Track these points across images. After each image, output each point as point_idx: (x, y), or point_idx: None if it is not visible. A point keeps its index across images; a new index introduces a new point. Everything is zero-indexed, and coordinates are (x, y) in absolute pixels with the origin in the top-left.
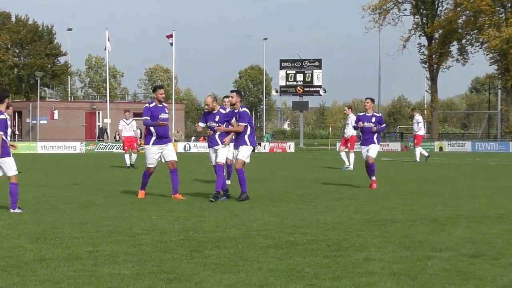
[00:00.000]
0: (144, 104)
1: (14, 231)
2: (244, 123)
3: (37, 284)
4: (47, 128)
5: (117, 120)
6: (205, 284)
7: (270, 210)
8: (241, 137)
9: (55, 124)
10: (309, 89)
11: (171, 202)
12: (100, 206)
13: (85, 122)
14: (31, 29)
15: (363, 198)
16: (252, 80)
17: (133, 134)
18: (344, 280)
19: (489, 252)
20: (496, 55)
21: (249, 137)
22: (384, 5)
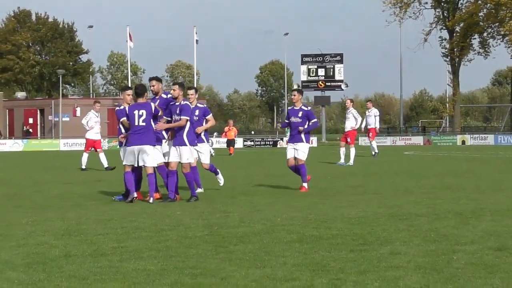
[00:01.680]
0: None
1: (39, 228)
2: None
3: (63, 280)
4: (70, 125)
5: None
6: (231, 279)
7: (294, 205)
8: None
9: (78, 121)
10: (331, 83)
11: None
12: (124, 203)
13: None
14: (52, 26)
15: (387, 193)
16: (273, 75)
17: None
18: (369, 274)
19: None
20: None
21: (188, 134)
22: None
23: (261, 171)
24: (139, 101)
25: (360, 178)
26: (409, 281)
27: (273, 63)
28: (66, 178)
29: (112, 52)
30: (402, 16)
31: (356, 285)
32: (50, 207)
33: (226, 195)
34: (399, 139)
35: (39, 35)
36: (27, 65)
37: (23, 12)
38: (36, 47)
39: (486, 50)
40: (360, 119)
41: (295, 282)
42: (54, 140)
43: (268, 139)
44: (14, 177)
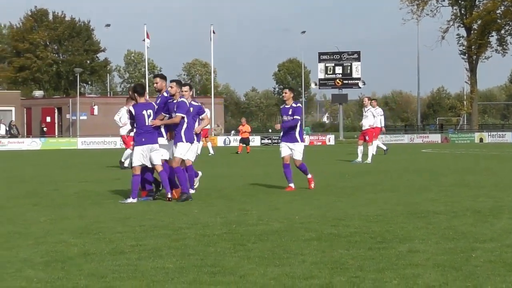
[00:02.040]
0: None
1: (57, 226)
2: (181, 113)
3: (82, 279)
4: (87, 123)
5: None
6: (250, 277)
7: (312, 203)
8: (177, 132)
9: (95, 120)
10: (348, 81)
11: (212, 196)
12: (142, 201)
13: None
14: (69, 25)
15: (405, 190)
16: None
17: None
18: (388, 272)
19: None
20: None
21: (185, 131)
22: None
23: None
24: (140, 101)
25: (377, 176)
26: (428, 279)
27: (291, 61)
28: (84, 176)
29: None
30: (420, 13)
31: (375, 282)
32: (68, 205)
33: (244, 193)
34: (416, 137)
35: (56, 33)
36: (45, 64)
37: (40, 11)
38: (54, 46)
39: (504, 48)
40: (378, 117)
41: (313, 280)
42: (72, 138)
43: None
44: (32, 176)
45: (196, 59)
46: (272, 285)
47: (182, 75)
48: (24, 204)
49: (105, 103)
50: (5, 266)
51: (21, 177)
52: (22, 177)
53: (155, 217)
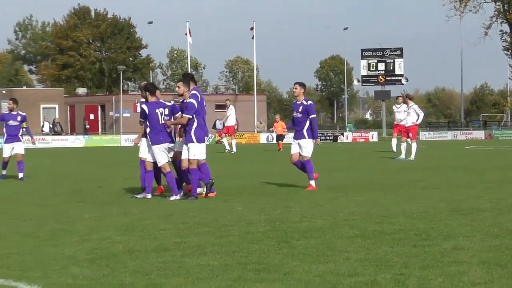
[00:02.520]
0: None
1: (102, 223)
2: (188, 115)
3: (127, 276)
4: (130, 121)
5: None
6: (294, 274)
7: (355, 200)
8: (188, 133)
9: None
10: (391, 78)
11: (255, 193)
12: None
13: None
14: (111, 23)
15: (448, 187)
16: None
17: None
18: (433, 270)
19: None
20: None
21: (195, 131)
22: None
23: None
24: (152, 100)
25: (421, 173)
26: (473, 276)
27: (333, 58)
28: (128, 173)
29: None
30: (462, 10)
31: (420, 280)
32: (113, 203)
33: (287, 190)
34: (460, 134)
35: (99, 31)
36: (88, 62)
37: (83, 9)
38: (96, 44)
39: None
40: (422, 114)
41: (358, 277)
42: (115, 135)
43: (328, 134)
44: (76, 173)
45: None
46: (317, 282)
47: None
48: (68, 201)
49: None
50: (50, 263)
51: (65, 175)
52: (66, 175)
53: (198, 215)
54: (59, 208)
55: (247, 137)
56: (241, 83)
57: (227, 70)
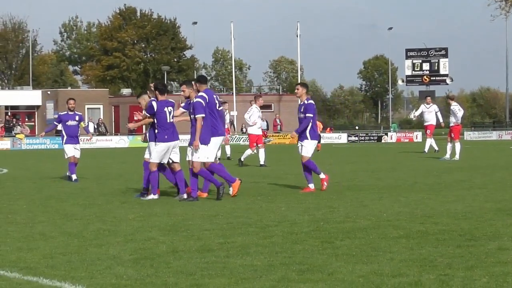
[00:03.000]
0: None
1: (146, 223)
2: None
3: (171, 276)
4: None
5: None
6: (338, 275)
7: (400, 200)
8: (192, 134)
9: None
10: (436, 78)
11: (299, 193)
12: (229, 198)
13: None
14: (156, 23)
15: (494, 187)
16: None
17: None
18: (477, 270)
19: None
20: None
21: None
22: None
23: (366, 166)
24: (161, 98)
25: (466, 173)
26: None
27: (377, 58)
28: None
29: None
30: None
31: (464, 280)
32: (157, 203)
33: (331, 191)
34: (505, 133)
35: (144, 32)
36: (132, 62)
37: (129, 10)
38: (141, 44)
39: None
40: (461, 113)
41: (402, 278)
42: None
43: (372, 134)
44: (121, 173)
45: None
46: (361, 282)
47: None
48: (112, 201)
49: None
50: (95, 263)
51: (110, 175)
52: (110, 175)
53: (243, 215)
54: (104, 208)
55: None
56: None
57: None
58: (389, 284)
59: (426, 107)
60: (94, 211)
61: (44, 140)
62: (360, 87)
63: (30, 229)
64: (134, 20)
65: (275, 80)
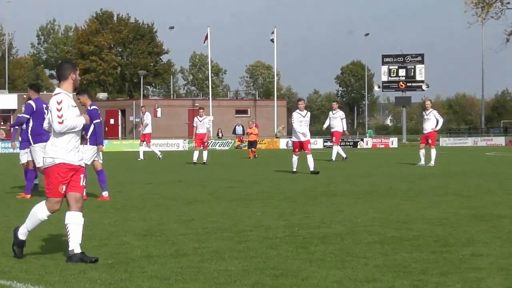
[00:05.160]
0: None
1: (121, 228)
2: None
3: (145, 280)
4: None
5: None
6: (312, 280)
7: (375, 206)
8: None
9: (158, 122)
10: (412, 84)
11: (275, 198)
12: (204, 203)
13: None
14: (133, 28)
15: (469, 193)
16: (354, 76)
17: (205, 131)
18: (451, 276)
19: None
20: None
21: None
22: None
23: (342, 172)
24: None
25: (441, 179)
26: (492, 283)
27: (354, 63)
28: (147, 178)
29: (194, 53)
30: (484, 16)
31: (438, 286)
32: (132, 208)
33: (307, 196)
34: (480, 140)
35: (121, 36)
36: (109, 67)
37: (106, 14)
38: (118, 49)
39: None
40: (441, 121)
41: (376, 283)
42: (135, 140)
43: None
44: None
45: (259, 61)
46: (335, 287)
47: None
48: (87, 206)
49: (169, 106)
50: (69, 268)
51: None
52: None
53: (218, 220)
54: None
55: (266, 142)
56: (261, 88)
57: (248, 75)
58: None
59: (332, 113)
60: None
61: None
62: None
63: (4, 234)
64: (111, 24)
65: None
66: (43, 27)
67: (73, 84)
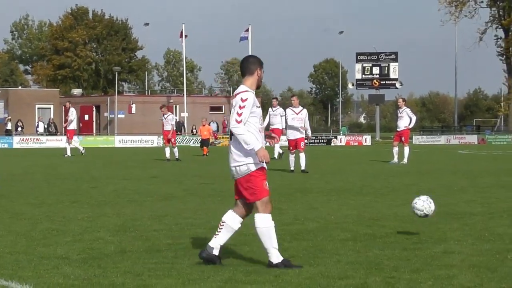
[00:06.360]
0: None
1: (95, 223)
2: None
3: (118, 276)
4: (125, 122)
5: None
6: (285, 276)
7: (348, 203)
8: None
9: (133, 118)
10: (385, 82)
11: None
12: (179, 199)
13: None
14: (107, 24)
15: (441, 191)
16: (327, 74)
17: (170, 128)
18: (423, 273)
19: None
20: None
21: None
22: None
23: (316, 169)
24: None
25: (414, 177)
26: (463, 279)
27: (328, 61)
28: (122, 174)
29: (169, 50)
30: (458, 15)
31: (410, 283)
32: (106, 203)
33: (281, 193)
34: (453, 138)
35: (95, 32)
36: (84, 63)
37: (81, 9)
38: (92, 45)
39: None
40: (414, 118)
41: (349, 280)
42: (110, 136)
43: (322, 137)
44: (71, 173)
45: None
46: (307, 284)
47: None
48: (62, 201)
49: (143, 102)
50: (42, 263)
51: (60, 175)
52: (60, 175)
53: (191, 216)
54: (53, 208)
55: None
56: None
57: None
58: (335, 286)
59: (272, 110)
60: (44, 211)
61: None
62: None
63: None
64: (86, 20)
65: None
66: (16, 22)
67: (258, 81)
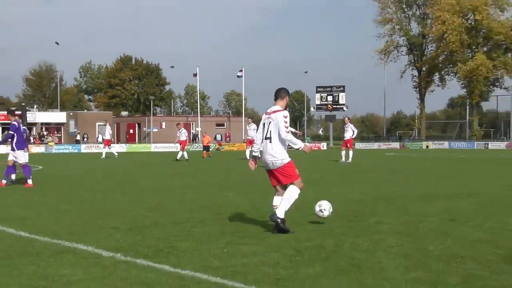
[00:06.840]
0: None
1: (137, 204)
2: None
3: (153, 240)
4: (157, 134)
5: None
6: (268, 240)
7: (312, 189)
8: None
9: (163, 132)
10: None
11: (243, 185)
12: (193, 188)
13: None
14: (145, 67)
15: (374, 181)
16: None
17: (185, 139)
18: (363, 237)
19: (461, 218)
20: (465, 82)
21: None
22: (387, 49)
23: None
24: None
25: (356, 172)
26: (390, 241)
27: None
28: (156, 172)
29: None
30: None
31: (353, 244)
32: (145, 191)
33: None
34: (382, 144)
35: (137, 73)
36: (129, 94)
37: (127, 57)
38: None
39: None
40: (356, 131)
41: (311, 242)
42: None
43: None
44: (121, 170)
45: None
46: (282, 245)
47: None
48: (114, 189)
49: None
50: (100, 232)
51: (112, 171)
52: (112, 171)
53: (202, 198)
54: (107, 194)
55: (237, 146)
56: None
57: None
58: (302, 246)
59: (248, 126)
60: (98, 197)
61: (68, 147)
62: None
63: (57, 208)
64: (130, 64)
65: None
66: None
67: (286, 104)
